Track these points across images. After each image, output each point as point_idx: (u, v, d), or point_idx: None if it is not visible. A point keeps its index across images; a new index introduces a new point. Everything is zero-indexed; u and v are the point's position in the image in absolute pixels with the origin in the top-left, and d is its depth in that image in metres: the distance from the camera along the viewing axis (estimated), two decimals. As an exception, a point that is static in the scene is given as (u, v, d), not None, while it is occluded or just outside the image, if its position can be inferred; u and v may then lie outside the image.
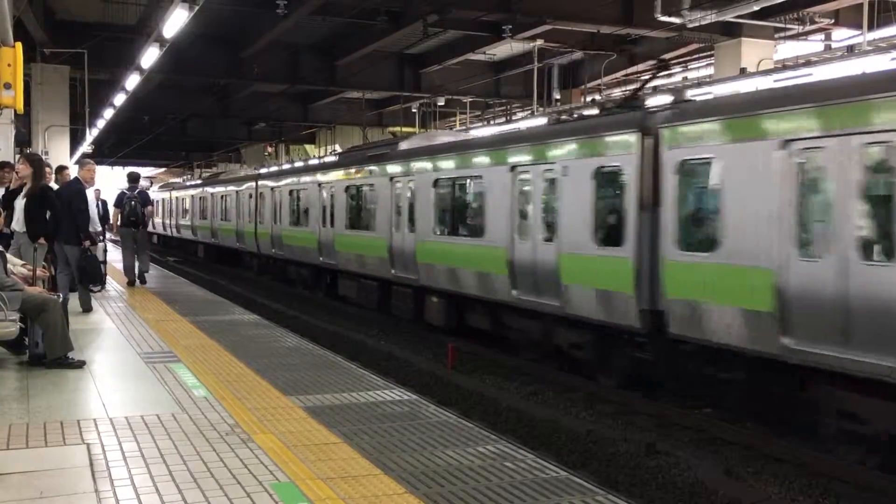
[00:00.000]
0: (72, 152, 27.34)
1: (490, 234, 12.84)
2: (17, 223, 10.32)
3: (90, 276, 11.66)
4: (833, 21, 18.58)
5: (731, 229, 8.54)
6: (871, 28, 15.61)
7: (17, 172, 11.06)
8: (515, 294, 12.07)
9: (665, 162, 9.43)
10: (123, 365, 8.49)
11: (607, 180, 10.52)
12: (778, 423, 8.93)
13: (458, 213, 14.68)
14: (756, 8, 15.63)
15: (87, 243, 11.42)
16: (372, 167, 17.63)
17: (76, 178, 12.34)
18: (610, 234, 10.41)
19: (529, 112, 24.96)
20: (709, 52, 21.77)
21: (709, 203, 9.16)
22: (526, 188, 12.14)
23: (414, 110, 31.11)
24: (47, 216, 10.34)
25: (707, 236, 9.01)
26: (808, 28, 18.32)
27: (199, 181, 39.91)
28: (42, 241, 10.19)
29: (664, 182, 9.42)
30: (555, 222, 11.31)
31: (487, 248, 12.85)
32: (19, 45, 10.18)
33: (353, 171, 18.91)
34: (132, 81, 20.78)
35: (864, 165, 7.41)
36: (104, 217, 16.88)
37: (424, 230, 14.95)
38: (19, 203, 10.36)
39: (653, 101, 12.56)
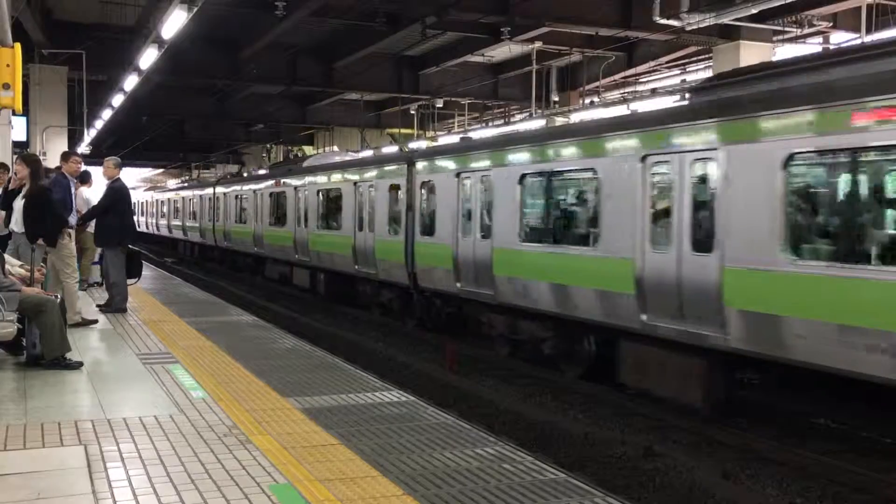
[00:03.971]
0: (70, 153, 27.27)
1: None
2: (16, 224, 10.30)
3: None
4: (831, 24, 18.61)
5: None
6: (868, 31, 15.63)
7: (15, 173, 11.02)
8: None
9: None
10: (121, 366, 8.47)
11: None
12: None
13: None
14: (754, 11, 15.67)
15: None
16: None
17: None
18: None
19: (528, 114, 24.98)
20: (707, 55, 21.79)
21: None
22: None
23: (412, 112, 31.13)
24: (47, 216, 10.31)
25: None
26: (806, 31, 18.34)
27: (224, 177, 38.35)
28: (40, 241, 10.16)
29: None
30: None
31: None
32: (18, 45, 10.17)
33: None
34: (130, 82, 20.77)
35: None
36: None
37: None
38: (18, 204, 10.33)
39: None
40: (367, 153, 26.17)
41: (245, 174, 36.65)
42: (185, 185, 42.39)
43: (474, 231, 13.39)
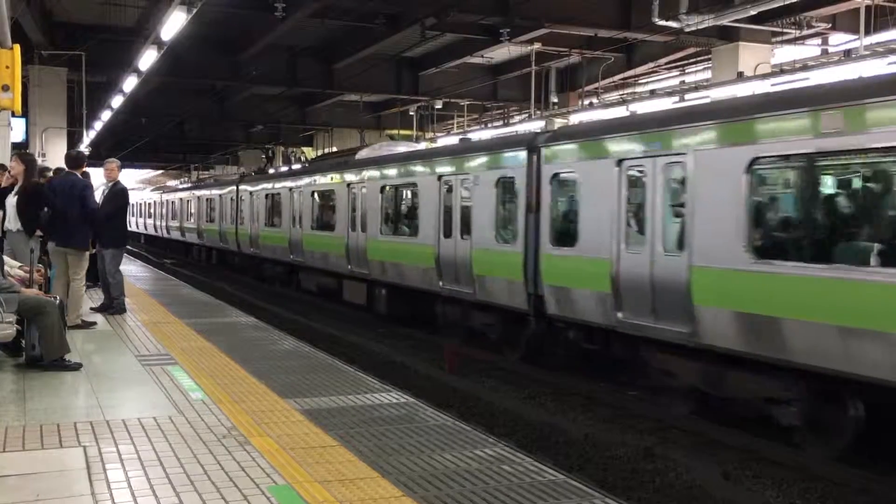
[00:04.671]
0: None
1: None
2: (10, 222, 10.27)
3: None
4: (830, 25, 18.65)
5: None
6: (868, 32, 15.64)
7: (9, 171, 10.99)
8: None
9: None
10: (120, 367, 8.46)
11: None
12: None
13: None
14: (753, 12, 15.69)
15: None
16: None
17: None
18: None
19: (527, 115, 24.99)
20: (706, 56, 21.81)
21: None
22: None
23: (412, 113, 31.15)
24: (41, 213, 10.31)
25: None
26: (805, 32, 18.37)
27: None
28: (39, 233, 10.17)
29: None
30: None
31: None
32: (17, 47, 10.16)
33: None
34: (130, 84, 20.78)
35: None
36: None
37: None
38: (11, 201, 10.31)
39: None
40: (448, 140, 22.95)
41: (272, 170, 31.41)
42: (201, 183, 37.75)
43: (653, 241, 9.69)
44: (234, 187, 28.37)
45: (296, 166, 27.54)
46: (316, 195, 20.84)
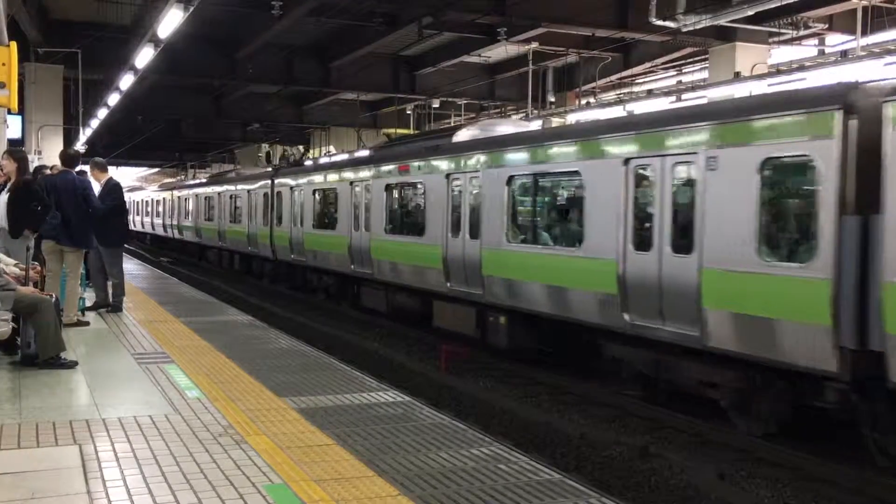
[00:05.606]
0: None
1: None
2: (3, 220, 10.23)
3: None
4: (827, 26, 18.66)
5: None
6: (864, 33, 15.67)
7: (1, 169, 10.94)
8: None
9: None
10: (116, 366, 8.45)
11: None
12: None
13: None
14: (750, 13, 15.69)
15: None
16: None
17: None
18: None
19: (524, 115, 24.99)
20: (703, 56, 21.83)
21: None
22: None
23: (409, 112, 31.14)
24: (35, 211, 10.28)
25: None
26: (802, 33, 18.39)
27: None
28: (27, 232, 10.13)
29: None
30: None
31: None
32: (14, 44, 10.13)
33: None
34: (126, 81, 20.75)
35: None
36: None
37: None
38: (2, 198, 10.27)
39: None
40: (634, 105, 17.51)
41: (310, 161, 27.24)
42: (222, 177, 32.49)
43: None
44: (269, 181, 23.79)
45: (362, 153, 22.54)
46: (393, 190, 16.38)
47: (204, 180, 35.89)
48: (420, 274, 14.52)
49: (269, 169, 26.51)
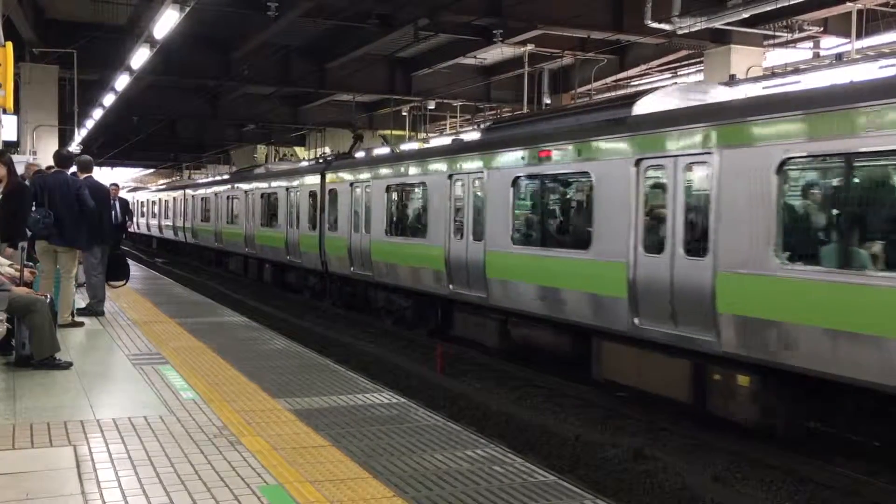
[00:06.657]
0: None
1: None
2: None
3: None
4: (822, 29, 18.71)
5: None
6: (859, 36, 15.73)
7: None
8: None
9: None
10: (111, 366, 8.45)
11: None
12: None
13: None
14: (745, 15, 15.73)
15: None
16: None
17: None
18: None
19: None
20: (698, 59, 21.87)
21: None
22: None
23: (404, 113, 31.14)
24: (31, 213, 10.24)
25: None
26: (797, 36, 18.45)
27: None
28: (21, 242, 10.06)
29: None
30: None
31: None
32: (10, 44, 10.14)
33: None
34: (122, 82, 20.74)
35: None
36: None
37: None
38: None
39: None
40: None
41: (366, 151, 23.37)
42: (250, 174, 28.09)
43: None
44: (318, 176, 20.19)
45: (468, 135, 17.99)
46: (526, 184, 12.26)
47: (226, 177, 32.61)
48: (582, 304, 10.40)
49: (320, 161, 22.83)
